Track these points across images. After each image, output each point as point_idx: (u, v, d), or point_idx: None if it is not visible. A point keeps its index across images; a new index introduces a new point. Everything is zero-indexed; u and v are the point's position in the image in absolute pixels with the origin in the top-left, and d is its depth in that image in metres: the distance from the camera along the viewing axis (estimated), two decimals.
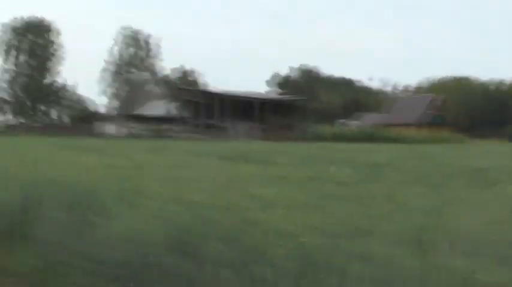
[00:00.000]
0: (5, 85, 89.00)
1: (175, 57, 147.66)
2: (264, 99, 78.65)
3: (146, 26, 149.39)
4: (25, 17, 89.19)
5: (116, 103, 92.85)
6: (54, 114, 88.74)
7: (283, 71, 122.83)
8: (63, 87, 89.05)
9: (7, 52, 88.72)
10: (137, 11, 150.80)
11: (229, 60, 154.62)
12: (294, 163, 18.02)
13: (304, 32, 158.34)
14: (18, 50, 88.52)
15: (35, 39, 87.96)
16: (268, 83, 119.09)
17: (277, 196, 9.81)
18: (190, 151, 26.42)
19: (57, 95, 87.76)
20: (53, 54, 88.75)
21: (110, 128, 71.87)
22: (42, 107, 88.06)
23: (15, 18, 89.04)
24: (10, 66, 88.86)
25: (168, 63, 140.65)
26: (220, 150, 29.39)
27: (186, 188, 10.82)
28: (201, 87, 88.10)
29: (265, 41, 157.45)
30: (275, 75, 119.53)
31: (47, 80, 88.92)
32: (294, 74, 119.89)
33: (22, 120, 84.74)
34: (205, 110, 73.89)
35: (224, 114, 72.81)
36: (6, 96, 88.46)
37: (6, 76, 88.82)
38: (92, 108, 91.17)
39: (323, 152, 28.15)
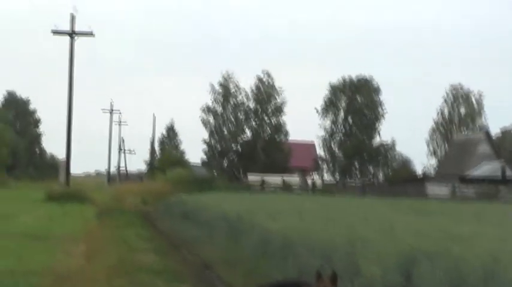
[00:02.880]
0: (321, 143, 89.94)
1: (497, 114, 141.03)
2: None
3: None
4: (352, 76, 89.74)
5: (441, 163, 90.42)
6: (378, 174, 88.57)
7: None
8: (391, 148, 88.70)
9: (326, 110, 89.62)
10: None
11: None
12: None
13: None
14: (339, 108, 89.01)
15: (363, 99, 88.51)
16: None
17: None
18: None
19: (385, 156, 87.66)
20: (381, 115, 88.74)
21: (436, 189, 69.29)
22: (370, 168, 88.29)
23: (343, 78, 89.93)
24: (328, 124, 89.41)
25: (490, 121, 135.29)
26: None
27: None
28: None
29: None
30: None
31: (375, 140, 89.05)
32: None
33: (338, 178, 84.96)
34: None
35: None
36: (323, 154, 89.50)
37: (324, 134, 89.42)
38: (413, 167, 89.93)
39: None
